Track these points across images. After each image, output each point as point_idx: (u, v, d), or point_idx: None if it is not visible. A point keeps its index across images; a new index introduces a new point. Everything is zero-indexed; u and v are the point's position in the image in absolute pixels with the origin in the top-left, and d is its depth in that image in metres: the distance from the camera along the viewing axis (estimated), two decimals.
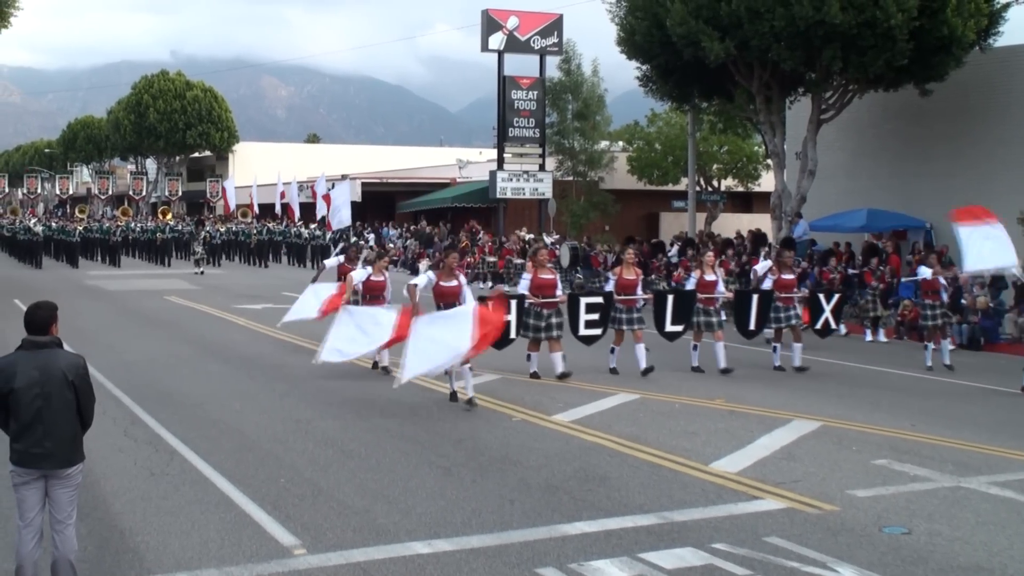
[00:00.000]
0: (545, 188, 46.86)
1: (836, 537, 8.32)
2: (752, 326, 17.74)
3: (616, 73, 44.97)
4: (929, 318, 18.37)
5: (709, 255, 18.32)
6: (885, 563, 7.74)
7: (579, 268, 33.70)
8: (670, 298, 17.43)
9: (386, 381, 15.10)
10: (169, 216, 58.07)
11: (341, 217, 28.20)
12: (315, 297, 18.18)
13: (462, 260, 15.33)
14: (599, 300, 16.80)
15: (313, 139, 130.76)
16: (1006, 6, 25.95)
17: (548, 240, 40.15)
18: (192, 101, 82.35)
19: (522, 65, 48.71)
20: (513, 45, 47.06)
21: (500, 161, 47.26)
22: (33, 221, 54.12)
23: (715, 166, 47.89)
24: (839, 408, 13.99)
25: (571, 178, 49.01)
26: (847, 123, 29.44)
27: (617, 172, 49.82)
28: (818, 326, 18.46)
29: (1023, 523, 8.84)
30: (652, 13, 27.68)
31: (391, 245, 45.43)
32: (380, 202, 60.24)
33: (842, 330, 21.51)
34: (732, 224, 45.99)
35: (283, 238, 52.40)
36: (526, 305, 15.83)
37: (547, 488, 9.70)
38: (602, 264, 32.50)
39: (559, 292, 16.24)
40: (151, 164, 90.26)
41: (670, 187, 48.30)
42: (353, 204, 29.57)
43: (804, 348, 17.73)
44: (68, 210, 66.25)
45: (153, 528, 8.42)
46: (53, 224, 53.87)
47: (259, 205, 55.42)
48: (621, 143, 52.27)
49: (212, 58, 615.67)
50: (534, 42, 47.24)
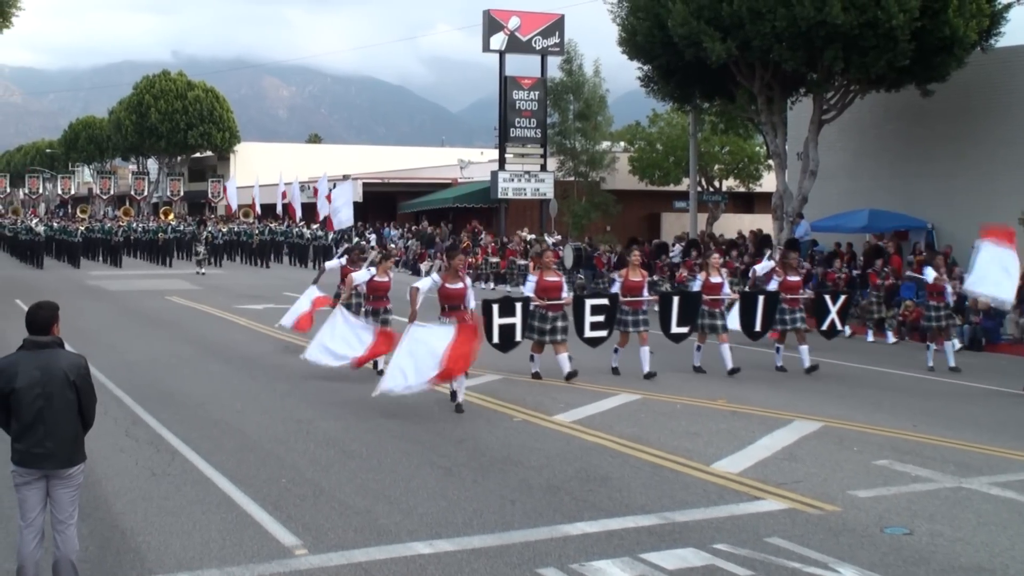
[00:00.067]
0: (546, 188, 46.90)
1: (837, 538, 8.32)
2: (758, 327, 17.64)
3: (617, 73, 44.93)
4: (933, 319, 18.36)
5: (715, 256, 18.27)
6: (887, 564, 7.74)
7: (580, 269, 33.71)
8: (675, 300, 17.34)
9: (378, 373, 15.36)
10: (171, 216, 58.08)
11: (343, 217, 28.26)
12: (308, 301, 18.71)
13: (465, 261, 15.26)
14: (604, 302, 16.69)
15: (314, 139, 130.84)
16: (1007, 7, 25.94)
17: (550, 240, 40.21)
18: (194, 101, 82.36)
19: (523, 65, 48.79)
20: (514, 45, 47.11)
21: (501, 161, 47.30)
22: (35, 221, 54.11)
23: (716, 166, 47.88)
24: (840, 408, 13.99)
25: (572, 178, 49.02)
26: (849, 123, 29.42)
27: (618, 172, 49.84)
28: (824, 327, 18.33)
29: None
30: (654, 13, 27.66)
31: (392, 245, 45.43)
32: (381, 202, 60.25)
33: (846, 331, 21.48)
34: (734, 224, 45.99)
35: (285, 238, 52.43)
36: (531, 307, 15.70)
37: (548, 488, 9.70)
38: (606, 265, 32.48)
39: (565, 294, 16.15)
40: (152, 164, 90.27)
41: (671, 187, 48.31)
42: (354, 204, 29.57)
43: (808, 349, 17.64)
44: (70, 210, 66.20)
45: (154, 528, 8.42)
46: (55, 224, 53.87)
47: (261, 205, 55.49)
48: (622, 143, 52.28)
49: (214, 58, 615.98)
50: (535, 42, 47.28)
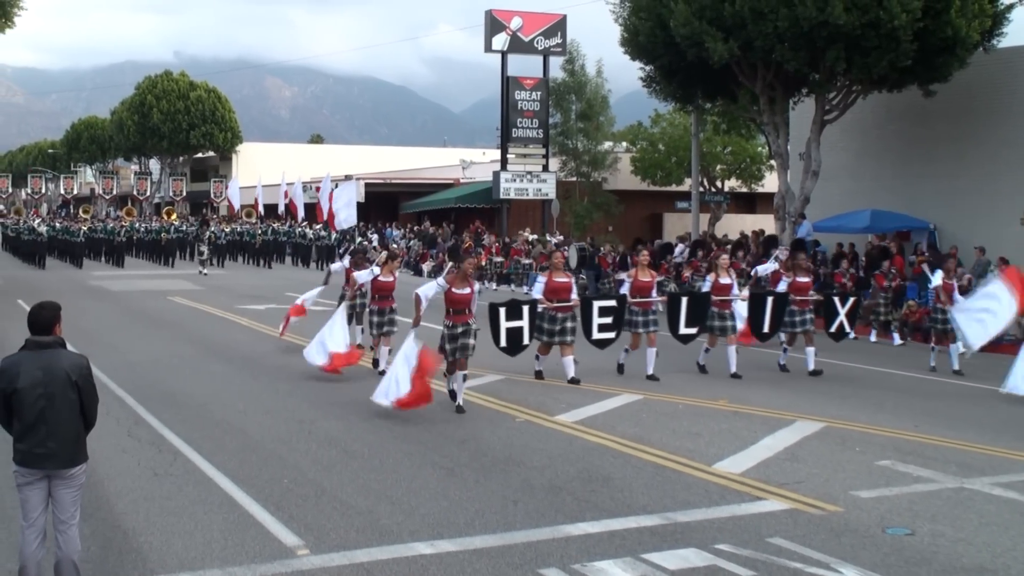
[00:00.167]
0: (548, 189, 46.93)
1: (839, 538, 8.32)
2: (766, 328, 17.55)
3: (620, 74, 44.94)
4: (939, 321, 18.28)
5: (724, 257, 18.14)
6: (888, 564, 7.74)
7: (584, 270, 33.68)
8: (684, 300, 17.21)
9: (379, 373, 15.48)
10: (174, 216, 58.09)
11: (343, 217, 28.22)
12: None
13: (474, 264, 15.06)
14: (612, 303, 16.54)
15: (316, 139, 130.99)
16: (1010, 7, 25.90)
17: (552, 241, 40.19)
18: (196, 101, 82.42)
19: (525, 66, 48.82)
20: (517, 46, 47.13)
21: (503, 162, 47.33)
22: (37, 221, 54.14)
23: (719, 167, 47.91)
24: (842, 409, 13.98)
25: (574, 179, 49.06)
26: (851, 124, 29.40)
27: (620, 173, 49.87)
28: (832, 330, 18.21)
29: None
30: (656, 14, 27.65)
31: (394, 246, 45.40)
32: (383, 203, 60.24)
33: (851, 334, 21.40)
34: (736, 225, 45.99)
35: (288, 238, 52.42)
36: (539, 309, 15.52)
37: (550, 489, 9.70)
38: (610, 265, 32.44)
39: (574, 296, 15.92)
40: (154, 164, 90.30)
41: (673, 188, 48.34)
42: (357, 205, 29.55)
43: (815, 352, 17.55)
44: (72, 210, 66.22)
45: (156, 528, 8.43)
46: (57, 224, 53.88)
47: (264, 205, 55.42)
48: (625, 144, 52.31)
49: (215, 58, 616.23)
50: (538, 43, 47.30)
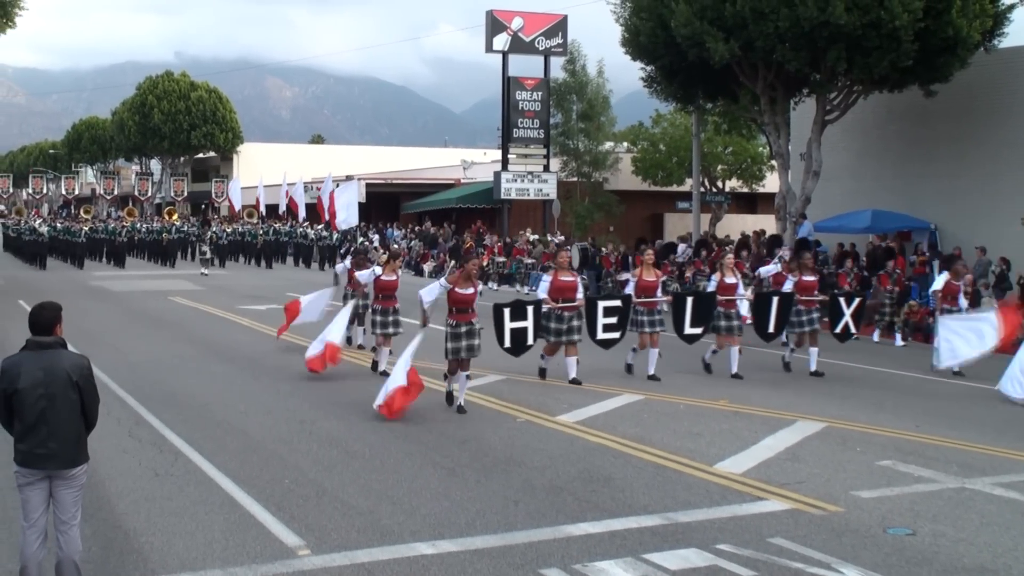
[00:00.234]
0: (549, 189, 46.94)
1: (840, 538, 8.31)
2: (771, 328, 17.47)
3: (621, 74, 44.97)
4: None
5: (729, 257, 18.02)
6: (889, 564, 7.74)
7: (585, 270, 33.68)
8: (689, 300, 17.08)
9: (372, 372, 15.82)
10: (175, 217, 58.08)
11: (342, 218, 28.23)
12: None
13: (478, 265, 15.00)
14: (617, 303, 16.44)
15: (317, 140, 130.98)
16: (1011, 7, 25.91)
17: (553, 241, 40.18)
18: (196, 102, 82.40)
19: (527, 66, 48.83)
20: (517, 46, 47.14)
21: (504, 162, 47.33)
22: (38, 222, 54.10)
23: (719, 167, 47.91)
24: (843, 409, 13.98)
25: (575, 179, 49.07)
26: (852, 124, 29.40)
27: (621, 173, 49.88)
28: (838, 330, 18.11)
29: None
30: (657, 14, 27.65)
31: (395, 246, 45.40)
32: (384, 203, 60.23)
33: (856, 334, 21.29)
34: (737, 225, 45.99)
35: (289, 239, 52.40)
36: (544, 309, 15.38)
37: (551, 489, 9.70)
38: (613, 265, 32.41)
39: (580, 295, 15.79)
40: (155, 165, 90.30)
41: (674, 188, 48.35)
42: (358, 205, 29.57)
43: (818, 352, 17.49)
44: (73, 211, 66.19)
45: (157, 529, 8.43)
46: (58, 225, 53.86)
47: (265, 206, 55.38)
48: (625, 144, 52.32)
49: (216, 59, 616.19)
50: (538, 43, 47.30)
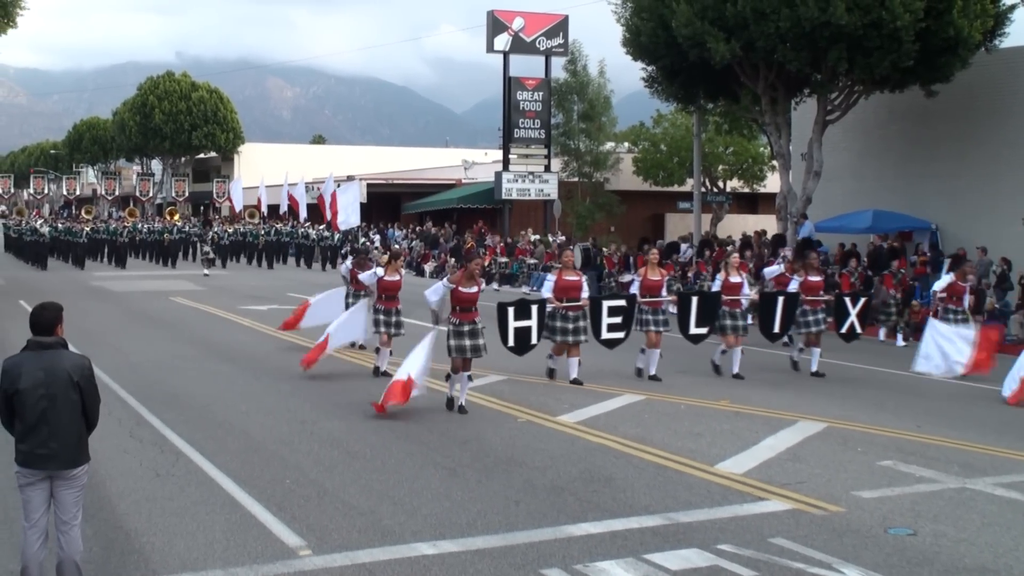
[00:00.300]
0: (550, 189, 46.94)
1: (841, 538, 8.31)
2: (776, 329, 17.43)
3: (622, 74, 45.01)
4: (951, 321, 18.24)
5: (735, 256, 17.97)
6: (890, 564, 7.74)
7: (586, 270, 33.63)
8: (694, 300, 16.99)
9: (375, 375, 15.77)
10: (176, 217, 58.09)
11: (346, 219, 28.23)
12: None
13: (480, 264, 14.97)
14: (621, 303, 16.34)
15: (319, 140, 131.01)
16: (1012, 7, 25.92)
17: (551, 239, 40.19)
18: (197, 102, 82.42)
19: (528, 66, 48.83)
20: (519, 46, 47.13)
21: (505, 162, 47.33)
22: (39, 222, 54.09)
23: (720, 167, 47.89)
24: (844, 409, 13.98)
25: (576, 179, 49.06)
26: (853, 124, 29.40)
27: (622, 173, 49.86)
28: (843, 330, 18.01)
29: None
30: (658, 14, 27.65)
31: (396, 246, 45.41)
32: (385, 203, 60.25)
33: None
34: (738, 225, 45.98)
35: (291, 239, 52.39)
36: (549, 308, 15.33)
37: (552, 489, 9.70)
38: (616, 266, 32.38)
39: (584, 295, 15.70)
40: (156, 165, 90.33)
41: (675, 188, 48.33)
42: (359, 205, 29.56)
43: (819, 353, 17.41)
44: (74, 211, 66.21)
45: (159, 529, 8.43)
46: (59, 225, 53.87)
47: (267, 206, 55.40)
48: (626, 144, 52.30)
49: (217, 59, 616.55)
50: (539, 43, 47.29)
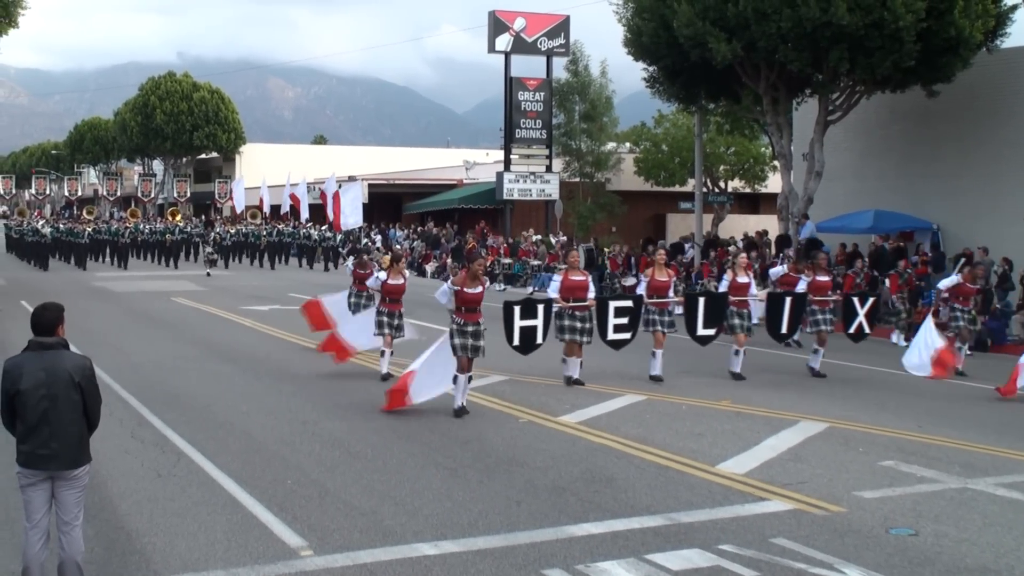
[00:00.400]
0: (552, 189, 46.95)
1: (843, 538, 8.31)
2: (784, 329, 17.34)
3: (623, 74, 45.05)
4: (961, 319, 18.23)
5: (742, 257, 17.90)
6: (892, 564, 7.73)
7: (590, 271, 33.60)
8: (701, 301, 16.84)
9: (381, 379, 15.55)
10: (178, 217, 58.08)
11: (349, 219, 28.24)
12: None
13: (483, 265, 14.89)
14: (628, 303, 16.19)
15: (320, 140, 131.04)
16: (1013, 7, 25.94)
17: (553, 240, 40.20)
18: (199, 102, 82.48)
19: (529, 66, 48.86)
20: (520, 46, 47.14)
21: (507, 162, 47.35)
22: (41, 223, 54.09)
23: (722, 167, 47.88)
24: (845, 409, 13.97)
25: (578, 179, 49.07)
26: (854, 124, 29.40)
27: (624, 173, 49.87)
28: (852, 330, 17.88)
29: None
30: (659, 14, 27.66)
31: (398, 247, 45.42)
32: (387, 203, 60.29)
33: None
34: (739, 225, 46.00)
35: (292, 239, 52.39)
36: (555, 308, 15.23)
37: (554, 489, 9.70)
38: (620, 267, 32.37)
39: (591, 294, 15.63)
40: (158, 165, 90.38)
41: (677, 188, 48.32)
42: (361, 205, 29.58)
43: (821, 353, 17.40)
44: (75, 211, 66.24)
45: (160, 529, 8.43)
46: (61, 226, 53.87)
47: (270, 206, 55.31)
48: (628, 144, 52.31)
49: (219, 59, 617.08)
50: (541, 43, 47.31)
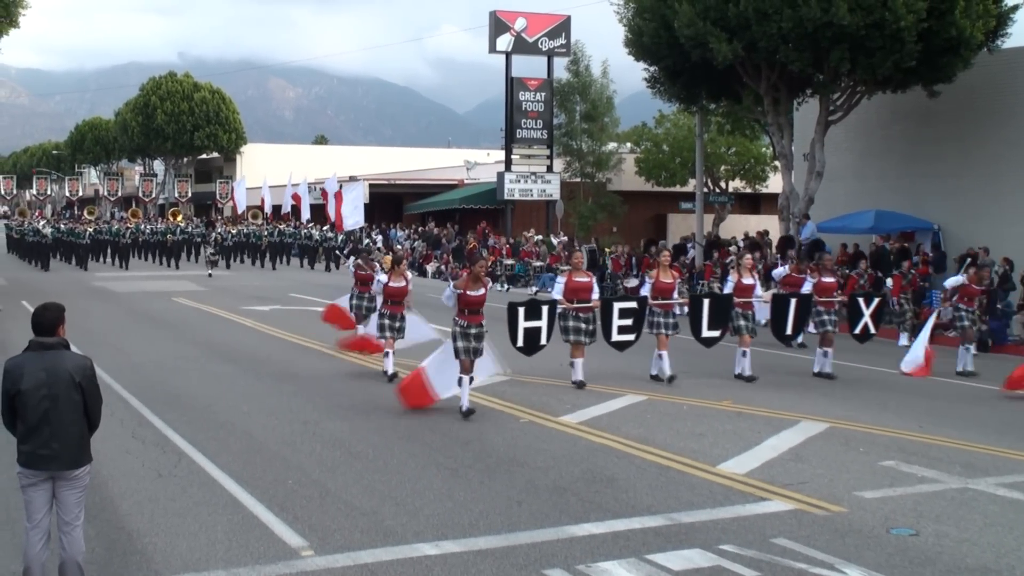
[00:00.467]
0: (553, 189, 46.93)
1: (844, 539, 8.31)
2: (789, 331, 17.34)
3: (624, 74, 45.01)
4: (965, 319, 18.22)
5: (747, 258, 17.86)
6: (893, 564, 7.73)
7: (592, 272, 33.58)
8: (706, 302, 16.78)
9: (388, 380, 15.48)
10: (180, 218, 58.07)
11: (350, 219, 28.28)
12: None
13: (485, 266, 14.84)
14: (633, 305, 16.17)
15: (321, 141, 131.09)
16: (1014, 8, 25.95)
17: (555, 241, 40.18)
18: (200, 103, 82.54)
19: (530, 67, 48.85)
20: (521, 46, 47.12)
21: (508, 162, 47.33)
22: (42, 223, 54.09)
23: (723, 167, 47.86)
24: (846, 409, 13.97)
25: (579, 179, 49.06)
26: (855, 124, 29.40)
27: (625, 173, 49.87)
28: (857, 331, 17.89)
29: None
30: (660, 14, 27.66)
31: (399, 247, 45.44)
32: (388, 203, 60.28)
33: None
34: (740, 226, 45.98)
35: (294, 240, 52.38)
36: (559, 310, 15.22)
37: (554, 489, 9.70)
38: (623, 267, 32.37)
39: (595, 296, 15.59)
40: (159, 166, 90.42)
41: (678, 188, 48.29)
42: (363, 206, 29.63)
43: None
44: (76, 212, 66.25)
45: (161, 529, 8.44)
46: (61, 226, 53.86)
47: (272, 206, 55.32)
48: (629, 144, 52.30)
49: (220, 60, 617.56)
50: (542, 43, 47.29)
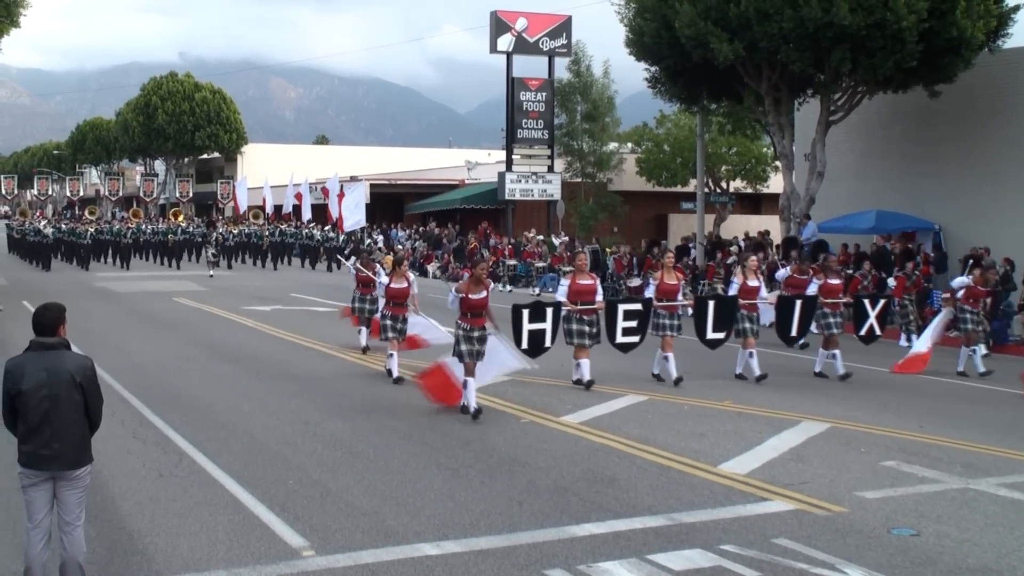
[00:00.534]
0: (554, 189, 46.94)
1: (844, 539, 8.31)
2: (794, 332, 17.29)
3: (625, 75, 45.05)
4: (969, 321, 18.21)
5: (753, 259, 17.85)
6: (894, 565, 7.73)
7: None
8: (711, 304, 16.72)
9: (393, 383, 15.43)
10: (181, 218, 58.06)
11: (352, 219, 28.30)
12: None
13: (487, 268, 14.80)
14: (637, 307, 16.12)
15: (322, 141, 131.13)
16: (1015, 8, 25.96)
17: (556, 242, 40.19)
18: (201, 103, 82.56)
19: (531, 67, 48.88)
20: (522, 47, 47.13)
21: (509, 162, 47.34)
22: (43, 223, 54.07)
23: (724, 167, 47.88)
24: (847, 410, 13.97)
25: (580, 179, 49.07)
26: (856, 124, 29.40)
27: (626, 173, 49.89)
28: (862, 332, 17.89)
29: None
30: (661, 15, 27.68)
31: (400, 247, 45.43)
32: (388, 203, 60.29)
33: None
34: (741, 226, 45.98)
35: (295, 240, 52.37)
36: (564, 312, 15.17)
37: (555, 489, 9.70)
38: (625, 268, 32.36)
39: (599, 298, 15.52)
40: (160, 166, 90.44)
41: (679, 189, 48.32)
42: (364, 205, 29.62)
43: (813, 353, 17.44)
44: (77, 211, 66.25)
45: (162, 530, 8.44)
46: (63, 226, 53.84)
47: (274, 206, 55.37)
48: (630, 144, 52.32)
49: (221, 60, 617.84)
50: (543, 43, 47.30)
